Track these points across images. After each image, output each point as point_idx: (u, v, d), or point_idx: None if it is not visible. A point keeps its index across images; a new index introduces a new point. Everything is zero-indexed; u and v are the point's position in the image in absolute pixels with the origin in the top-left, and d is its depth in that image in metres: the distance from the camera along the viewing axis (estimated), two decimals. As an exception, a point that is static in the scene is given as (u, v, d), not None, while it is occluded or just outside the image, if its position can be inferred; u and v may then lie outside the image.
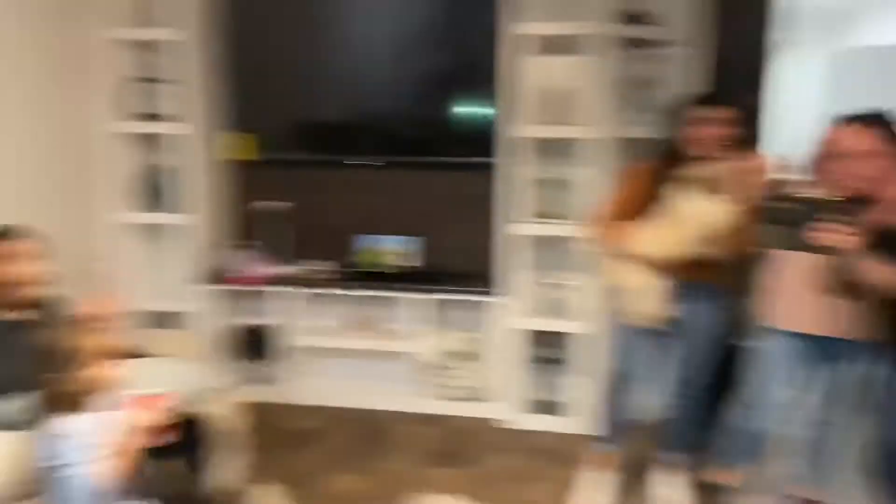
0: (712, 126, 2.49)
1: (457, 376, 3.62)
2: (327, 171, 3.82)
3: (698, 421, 2.71)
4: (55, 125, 3.29)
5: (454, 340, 3.63)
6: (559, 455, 3.21)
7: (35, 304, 2.25)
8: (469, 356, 3.61)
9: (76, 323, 1.76)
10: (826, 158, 2.12)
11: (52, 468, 1.48)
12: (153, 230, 3.77)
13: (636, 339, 2.68)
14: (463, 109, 3.70)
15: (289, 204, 3.78)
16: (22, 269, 2.18)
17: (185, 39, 3.51)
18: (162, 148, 3.64)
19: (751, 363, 2.50)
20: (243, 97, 3.77)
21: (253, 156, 3.80)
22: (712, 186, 2.46)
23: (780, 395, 2.36)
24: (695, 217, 2.46)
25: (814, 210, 1.99)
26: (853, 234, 1.94)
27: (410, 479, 2.97)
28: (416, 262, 3.74)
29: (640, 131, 3.15)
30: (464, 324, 3.71)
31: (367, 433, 3.43)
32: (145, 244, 3.79)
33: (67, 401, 1.51)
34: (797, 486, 2.41)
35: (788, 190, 2.28)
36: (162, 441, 1.69)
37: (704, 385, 2.69)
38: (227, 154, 3.83)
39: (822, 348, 2.30)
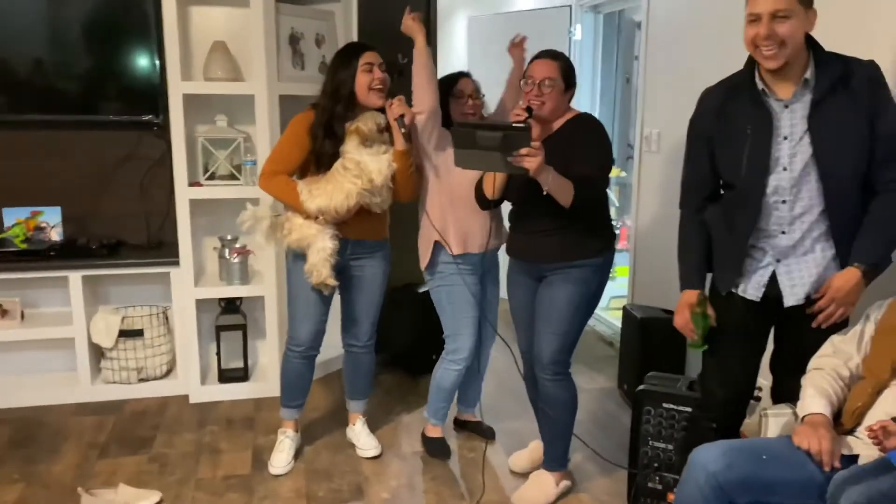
0: (373, 72, 2.52)
1: (132, 357, 3.31)
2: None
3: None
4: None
5: (127, 318, 3.31)
6: (249, 422, 3.15)
7: None
8: (145, 333, 3.32)
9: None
10: (525, 85, 2.31)
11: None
12: None
13: (321, 300, 2.68)
14: (118, 63, 3.34)
15: None
16: None
17: None
18: None
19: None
20: None
21: None
22: (373, 137, 2.53)
23: None
24: (360, 168, 2.49)
25: (505, 135, 2.04)
26: (538, 153, 2.05)
27: (83, 476, 2.68)
28: (69, 235, 3.37)
29: (302, 88, 3.12)
30: (135, 299, 3.44)
31: (22, 436, 3.01)
32: None
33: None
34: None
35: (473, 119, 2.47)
36: None
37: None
38: None
39: None
